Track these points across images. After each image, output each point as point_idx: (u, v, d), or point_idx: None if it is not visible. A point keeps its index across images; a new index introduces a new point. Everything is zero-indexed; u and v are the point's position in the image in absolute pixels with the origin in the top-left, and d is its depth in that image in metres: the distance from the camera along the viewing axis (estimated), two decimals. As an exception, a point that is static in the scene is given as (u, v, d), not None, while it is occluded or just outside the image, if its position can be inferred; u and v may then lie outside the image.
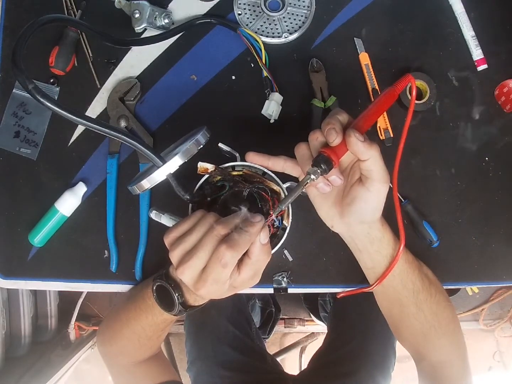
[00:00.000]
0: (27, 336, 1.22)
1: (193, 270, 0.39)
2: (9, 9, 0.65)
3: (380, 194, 0.44)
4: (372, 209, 0.46)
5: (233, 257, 0.38)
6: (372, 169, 0.42)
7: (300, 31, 0.64)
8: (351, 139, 0.40)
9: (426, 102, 0.62)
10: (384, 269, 0.50)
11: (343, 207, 0.47)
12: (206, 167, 0.51)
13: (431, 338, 0.54)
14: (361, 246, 0.50)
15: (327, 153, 0.41)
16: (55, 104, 0.38)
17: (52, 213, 0.60)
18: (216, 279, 0.39)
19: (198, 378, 0.83)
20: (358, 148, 0.40)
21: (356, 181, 0.45)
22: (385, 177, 0.43)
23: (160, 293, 0.48)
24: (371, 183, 0.43)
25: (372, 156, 0.41)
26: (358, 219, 0.47)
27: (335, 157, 0.41)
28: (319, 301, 1.33)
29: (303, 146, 0.45)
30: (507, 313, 1.57)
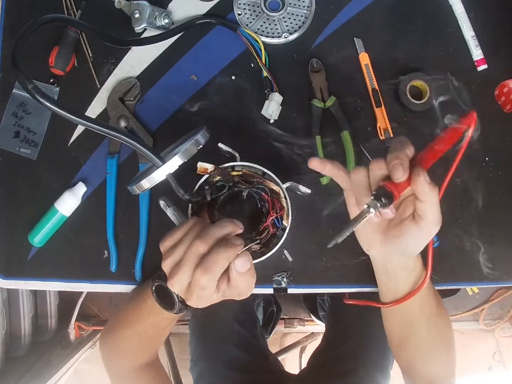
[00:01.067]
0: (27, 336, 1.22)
1: (180, 284, 0.40)
2: (9, 9, 0.65)
3: (430, 235, 0.44)
4: (418, 246, 0.45)
5: (209, 280, 0.39)
6: (429, 211, 0.41)
7: (300, 31, 0.64)
8: (420, 179, 0.38)
9: (426, 102, 0.61)
10: (405, 293, 0.50)
11: (389, 237, 0.46)
12: (205, 167, 0.51)
13: (433, 355, 0.55)
14: (392, 271, 0.50)
15: (389, 188, 0.39)
16: (55, 104, 0.38)
17: (52, 213, 0.60)
18: (199, 296, 0.40)
19: (201, 377, 0.83)
20: (423, 190, 0.39)
21: (409, 217, 0.43)
22: (438, 220, 0.42)
23: (160, 292, 0.48)
24: (424, 224, 0.42)
25: (431, 198, 0.40)
26: (401, 251, 0.47)
27: (397, 194, 0.39)
28: (318, 300, 1.34)
29: (363, 172, 0.43)
30: (507, 313, 1.57)
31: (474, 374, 1.60)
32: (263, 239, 0.53)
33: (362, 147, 0.61)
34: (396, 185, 0.39)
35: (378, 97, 0.62)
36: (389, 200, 0.39)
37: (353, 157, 0.60)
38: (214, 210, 0.54)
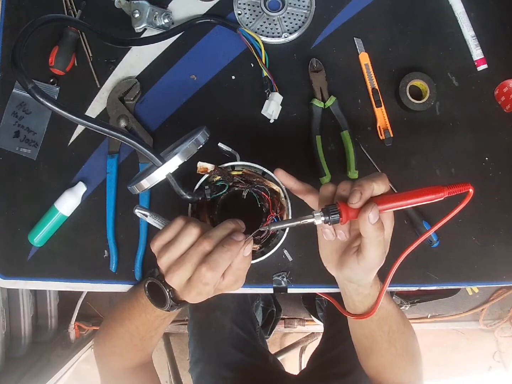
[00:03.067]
0: (27, 336, 1.22)
1: (179, 279, 0.41)
2: (9, 9, 0.65)
3: (368, 271, 0.45)
4: (359, 278, 0.47)
5: (214, 277, 0.40)
6: (367, 248, 0.41)
7: (300, 31, 0.64)
8: (363, 215, 0.39)
9: (426, 102, 0.62)
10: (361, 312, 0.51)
11: (339, 262, 0.47)
12: (205, 167, 0.51)
13: (399, 365, 0.57)
14: (347, 293, 0.51)
15: (340, 209, 0.41)
16: (55, 104, 0.38)
17: (52, 213, 0.60)
18: (199, 292, 0.41)
19: (200, 379, 0.83)
20: (364, 226, 0.39)
21: (355, 248, 0.44)
22: (378, 260, 0.42)
23: (152, 290, 0.49)
24: (362, 259, 0.42)
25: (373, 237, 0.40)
26: (347, 279, 0.48)
27: (345, 217, 0.41)
28: (316, 300, 1.34)
29: (330, 188, 0.44)
30: (507, 313, 1.57)
31: (474, 374, 1.60)
32: (263, 239, 0.53)
33: (362, 147, 0.61)
34: (348, 209, 0.41)
35: (378, 97, 0.62)
36: (334, 220, 0.41)
37: (353, 157, 0.60)
38: (214, 210, 0.54)
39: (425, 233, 0.47)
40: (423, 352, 0.59)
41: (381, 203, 0.41)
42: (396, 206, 0.41)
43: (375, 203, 0.40)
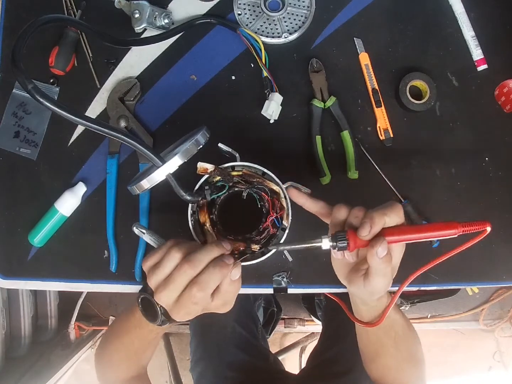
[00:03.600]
0: (27, 336, 1.22)
1: (167, 299, 0.42)
2: (9, 9, 0.65)
3: (372, 295, 0.46)
4: (365, 297, 0.48)
5: (204, 297, 0.42)
6: (374, 277, 0.42)
7: (300, 31, 0.64)
8: (372, 250, 0.40)
9: (426, 102, 0.61)
10: (369, 320, 0.52)
11: (347, 277, 0.48)
12: (205, 167, 0.51)
13: (404, 369, 0.58)
14: (355, 302, 0.53)
15: (348, 237, 0.42)
16: (55, 104, 0.38)
17: (52, 213, 0.60)
18: (188, 312, 0.43)
19: (201, 378, 0.83)
20: (372, 259, 0.40)
21: (363, 270, 0.45)
22: (383, 288, 0.44)
23: (145, 304, 0.50)
24: (368, 284, 0.43)
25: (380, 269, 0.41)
26: (353, 294, 0.51)
27: (353, 245, 0.42)
28: (315, 300, 1.34)
29: (343, 212, 0.45)
30: (507, 313, 1.57)
31: (474, 374, 1.60)
32: (263, 239, 0.53)
33: (362, 147, 0.61)
34: (356, 239, 0.41)
35: (378, 97, 0.62)
36: (341, 245, 0.42)
37: (353, 157, 0.60)
38: (214, 210, 0.54)
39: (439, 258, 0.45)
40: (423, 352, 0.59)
41: (392, 235, 0.41)
42: (406, 239, 0.41)
43: (384, 238, 0.40)
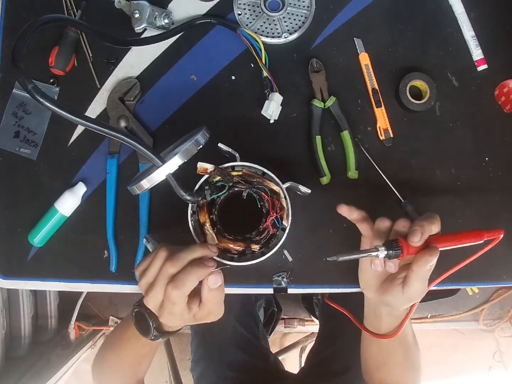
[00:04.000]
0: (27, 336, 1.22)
1: (154, 302, 0.43)
2: (9, 9, 0.65)
3: (410, 301, 0.48)
4: (399, 305, 0.50)
5: (180, 296, 0.42)
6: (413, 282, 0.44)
7: (300, 31, 0.64)
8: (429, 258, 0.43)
9: (426, 102, 0.61)
10: (386, 332, 0.54)
11: (380, 289, 0.50)
12: (205, 167, 0.51)
13: (407, 377, 0.59)
14: (378, 314, 0.54)
15: (402, 245, 0.44)
16: (55, 104, 0.38)
17: (52, 213, 0.60)
18: (170, 312, 0.43)
19: (202, 378, 0.83)
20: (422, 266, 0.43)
21: (399, 279, 0.47)
22: (421, 293, 0.46)
23: (139, 318, 0.51)
24: (407, 290, 0.45)
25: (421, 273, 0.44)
26: (384, 303, 0.51)
27: (406, 252, 0.44)
28: (314, 300, 1.34)
29: (386, 224, 0.48)
30: (507, 313, 1.57)
31: (474, 374, 1.60)
32: (263, 239, 0.53)
33: (362, 147, 0.61)
34: (409, 247, 0.44)
35: (378, 97, 0.62)
36: (395, 254, 0.44)
37: (353, 157, 0.60)
38: (214, 210, 0.54)
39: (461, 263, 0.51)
40: (423, 352, 0.60)
41: (437, 242, 0.45)
42: (445, 246, 0.46)
43: (437, 247, 0.44)
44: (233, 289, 0.60)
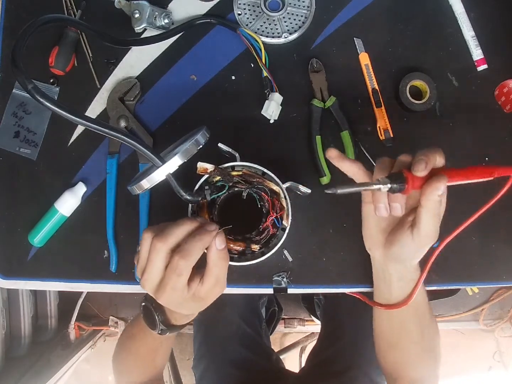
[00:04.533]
0: (27, 336, 1.22)
1: (150, 282, 0.41)
2: (9, 9, 0.65)
3: (421, 247, 0.44)
4: (410, 255, 0.46)
5: (187, 266, 0.40)
6: (424, 220, 0.41)
7: (300, 31, 0.64)
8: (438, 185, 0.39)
9: (426, 102, 0.61)
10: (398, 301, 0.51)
11: (387, 241, 0.47)
12: (205, 167, 0.51)
13: (422, 361, 0.56)
14: (388, 279, 0.51)
15: (407, 176, 0.40)
16: (55, 104, 0.38)
17: (52, 213, 0.60)
18: (174, 287, 0.41)
19: (204, 375, 0.83)
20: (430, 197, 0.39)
21: (407, 224, 0.44)
22: (433, 234, 0.42)
23: (146, 312, 0.51)
24: (417, 233, 0.42)
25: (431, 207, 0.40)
26: (394, 258, 0.48)
27: (411, 185, 0.40)
28: (315, 299, 1.34)
29: (388, 162, 0.44)
30: (507, 313, 1.57)
31: (474, 374, 1.60)
32: (263, 239, 0.53)
33: (362, 147, 0.61)
34: (413, 177, 0.40)
35: (378, 97, 0.62)
36: (401, 186, 0.40)
37: (353, 157, 0.60)
38: (214, 210, 0.54)
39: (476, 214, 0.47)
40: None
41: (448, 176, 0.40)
42: (454, 180, 0.41)
43: (444, 175, 0.39)
44: (233, 289, 0.60)
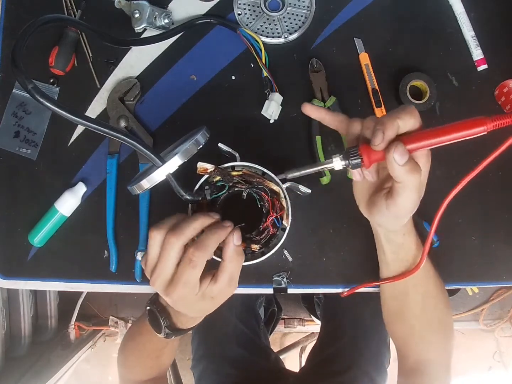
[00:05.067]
0: (27, 336, 1.22)
1: (161, 279, 0.41)
2: (9, 9, 0.65)
3: (398, 218, 0.42)
4: (389, 224, 0.44)
5: (202, 257, 0.39)
6: (399, 193, 0.38)
7: (300, 31, 0.64)
8: (389, 157, 0.35)
9: (426, 102, 0.61)
10: (397, 271, 0.49)
11: (367, 204, 0.45)
12: (205, 167, 0.51)
13: (429, 339, 0.54)
14: (379, 240, 0.49)
15: (361, 152, 0.38)
16: (55, 104, 0.38)
17: (52, 213, 0.60)
18: (187, 281, 0.40)
19: (203, 376, 0.83)
20: (393, 168, 0.36)
21: (386, 189, 0.42)
22: (410, 208, 0.40)
23: (152, 316, 0.50)
24: (393, 203, 0.39)
25: (405, 182, 0.37)
26: (376, 222, 0.46)
27: (368, 160, 0.38)
28: (315, 299, 1.34)
29: (357, 125, 0.41)
30: (507, 313, 1.57)
31: (474, 374, 1.60)
32: (263, 239, 0.53)
33: (362, 147, 0.61)
34: (370, 152, 0.37)
35: (378, 97, 0.62)
36: (355, 162, 0.38)
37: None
38: (214, 210, 0.54)
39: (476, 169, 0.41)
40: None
41: (410, 142, 0.36)
42: (428, 144, 0.36)
43: (400, 141, 0.35)
44: (233, 289, 0.60)
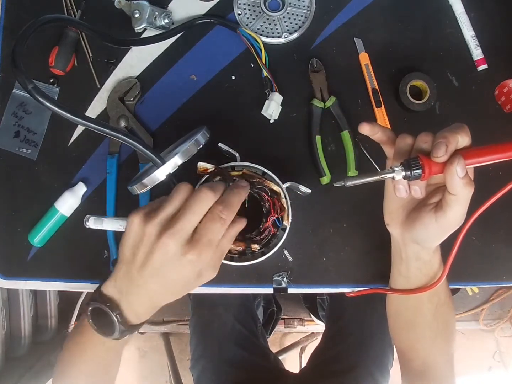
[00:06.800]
0: (27, 336, 1.22)
1: (183, 233, 0.38)
2: (9, 9, 0.64)
3: (444, 231, 0.43)
4: (431, 239, 0.44)
5: (230, 216, 0.40)
6: (451, 206, 0.39)
7: (300, 31, 0.64)
8: (450, 168, 0.36)
9: (426, 102, 0.61)
10: (415, 284, 0.49)
11: (408, 219, 0.45)
12: (205, 167, 0.51)
13: (436, 343, 0.54)
14: (405, 258, 0.49)
15: (423, 162, 0.37)
16: (55, 104, 0.38)
17: (52, 213, 0.60)
18: (211, 239, 0.39)
19: (202, 376, 0.83)
20: (452, 180, 0.37)
21: (432, 205, 0.42)
22: (459, 220, 0.41)
23: (96, 317, 0.42)
24: (442, 216, 0.40)
25: (461, 194, 0.38)
26: (413, 238, 0.45)
27: (428, 171, 0.37)
28: (317, 300, 1.34)
29: (408, 141, 0.41)
30: (507, 313, 1.57)
31: (474, 374, 1.60)
32: (264, 239, 0.53)
33: (362, 147, 0.61)
34: (430, 163, 0.37)
35: (378, 97, 0.62)
36: (416, 175, 0.38)
37: (353, 157, 0.60)
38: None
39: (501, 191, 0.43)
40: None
41: (468, 157, 0.37)
42: (482, 161, 0.38)
43: (460, 155, 0.36)
44: (233, 289, 0.60)
